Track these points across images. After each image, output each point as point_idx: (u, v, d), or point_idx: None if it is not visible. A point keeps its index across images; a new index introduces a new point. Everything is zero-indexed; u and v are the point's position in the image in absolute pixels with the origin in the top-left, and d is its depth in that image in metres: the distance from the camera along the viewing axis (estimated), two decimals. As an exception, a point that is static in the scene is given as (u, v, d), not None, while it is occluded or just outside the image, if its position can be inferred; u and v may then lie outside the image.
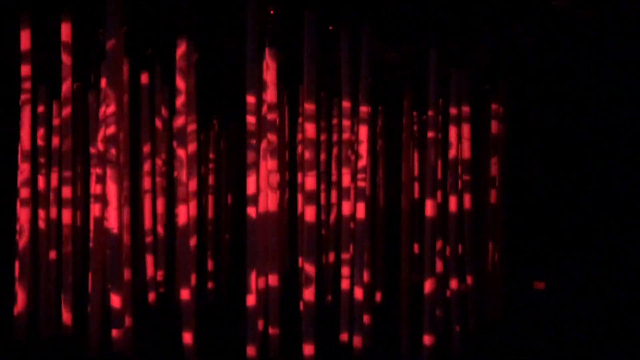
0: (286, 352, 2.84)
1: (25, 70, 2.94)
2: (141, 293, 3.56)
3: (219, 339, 3.29)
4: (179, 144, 2.79)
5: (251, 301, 2.67)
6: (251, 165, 2.69)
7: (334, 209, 4.03)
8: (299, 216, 3.95)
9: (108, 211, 2.61)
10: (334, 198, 4.04)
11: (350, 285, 3.07)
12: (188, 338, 2.68)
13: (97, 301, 2.70)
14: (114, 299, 2.52)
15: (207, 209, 4.56)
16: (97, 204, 2.86)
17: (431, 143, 3.02)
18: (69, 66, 2.92)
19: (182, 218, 2.74)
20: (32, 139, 3.04)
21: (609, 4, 3.00)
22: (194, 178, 2.82)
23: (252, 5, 2.62)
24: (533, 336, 3.67)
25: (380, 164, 4.22)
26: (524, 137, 4.70)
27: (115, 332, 2.54)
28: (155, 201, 3.59)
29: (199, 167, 3.11)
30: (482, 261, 3.79)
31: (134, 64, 3.34)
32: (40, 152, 3.31)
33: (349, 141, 3.16)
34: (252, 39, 2.63)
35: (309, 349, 2.66)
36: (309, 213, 2.72)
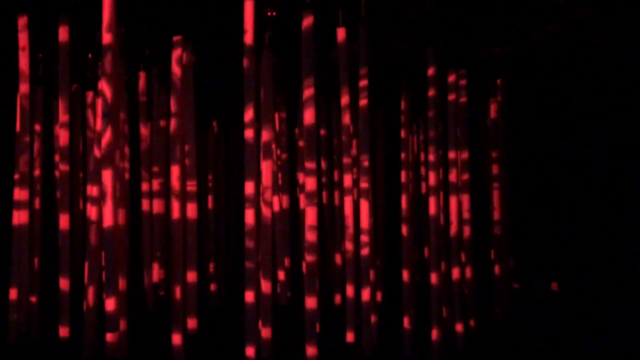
0: (289, 353, 2.84)
1: (23, 71, 2.93)
2: (139, 296, 3.55)
3: (218, 339, 3.29)
4: (177, 145, 2.78)
5: (250, 300, 2.65)
6: (249, 167, 2.69)
7: (335, 209, 4.02)
8: (299, 216, 3.96)
9: (105, 212, 2.60)
10: (336, 198, 4.04)
11: (355, 284, 3.04)
12: (177, 339, 2.67)
13: (93, 304, 2.69)
14: (109, 302, 2.51)
15: (207, 210, 4.57)
16: (95, 205, 2.85)
17: (430, 143, 3.05)
18: (67, 68, 2.92)
19: (176, 217, 2.74)
20: (30, 140, 3.03)
21: (609, 3, 2.99)
22: (192, 179, 2.82)
23: (249, 6, 2.62)
24: (537, 335, 3.67)
25: (380, 164, 4.22)
26: (523, 138, 4.70)
27: (109, 336, 2.53)
28: (152, 202, 3.59)
29: (197, 169, 3.10)
30: (482, 260, 3.79)
31: (131, 65, 3.35)
32: (38, 153, 3.31)
33: (348, 141, 3.15)
34: (249, 40, 2.63)
35: (311, 350, 2.65)
36: (310, 214, 2.71)
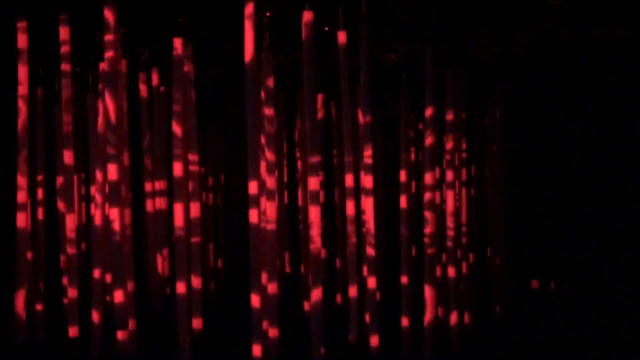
0: (294, 353, 2.84)
1: (23, 73, 2.94)
2: (147, 294, 3.54)
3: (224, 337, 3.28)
4: (179, 145, 2.80)
5: (255, 302, 2.67)
6: (252, 167, 2.69)
7: (337, 209, 4.03)
8: (301, 216, 3.97)
9: (111, 213, 2.62)
10: (337, 198, 4.05)
11: (358, 284, 3.05)
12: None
13: (100, 303, 2.71)
14: (117, 300, 2.53)
15: (207, 210, 4.57)
16: (100, 205, 2.86)
17: (429, 143, 3.06)
18: (67, 69, 2.92)
19: (179, 218, 2.76)
20: (30, 141, 3.04)
21: (609, 3, 3.01)
22: (195, 179, 2.84)
23: (250, 8, 2.63)
24: (533, 335, 3.69)
25: (379, 164, 4.22)
26: (522, 137, 4.71)
27: (119, 334, 2.54)
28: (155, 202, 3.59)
29: (199, 169, 3.12)
30: (483, 261, 3.81)
31: (132, 65, 3.35)
32: (39, 155, 3.32)
33: (349, 141, 3.16)
34: (249, 41, 2.64)
35: (317, 349, 2.66)
36: (313, 213, 2.71)
